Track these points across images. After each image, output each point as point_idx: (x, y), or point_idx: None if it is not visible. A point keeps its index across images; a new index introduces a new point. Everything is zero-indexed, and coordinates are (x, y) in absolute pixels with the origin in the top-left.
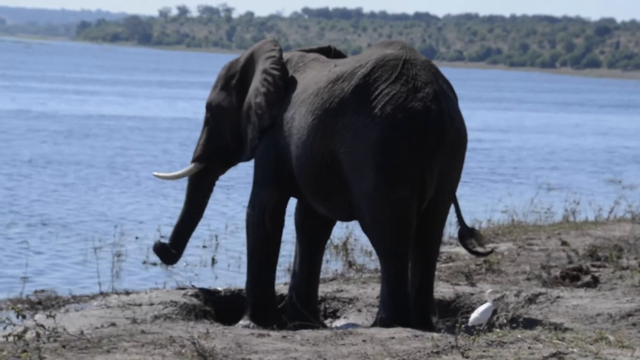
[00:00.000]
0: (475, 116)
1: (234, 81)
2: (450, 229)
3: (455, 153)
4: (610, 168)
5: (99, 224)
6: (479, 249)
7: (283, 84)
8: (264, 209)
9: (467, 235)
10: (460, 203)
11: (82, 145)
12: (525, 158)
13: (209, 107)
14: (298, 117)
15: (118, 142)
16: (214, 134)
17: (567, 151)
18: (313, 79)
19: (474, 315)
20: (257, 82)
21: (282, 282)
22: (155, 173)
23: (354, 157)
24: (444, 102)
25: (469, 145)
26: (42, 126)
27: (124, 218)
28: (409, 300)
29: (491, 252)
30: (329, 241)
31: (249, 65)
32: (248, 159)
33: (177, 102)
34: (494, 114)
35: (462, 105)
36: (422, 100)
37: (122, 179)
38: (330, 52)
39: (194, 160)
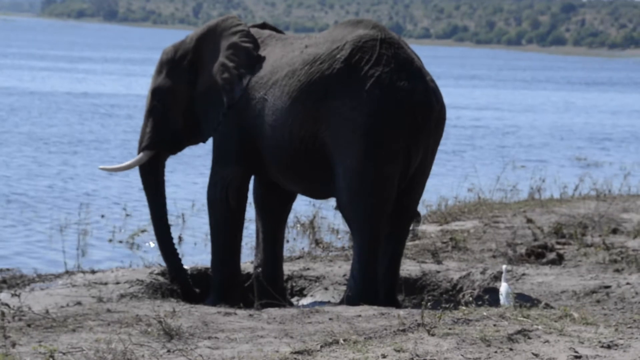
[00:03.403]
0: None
1: (185, 62)
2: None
3: (439, 129)
4: (576, 145)
5: (64, 201)
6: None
7: (254, 57)
8: (227, 186)
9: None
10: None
11: (59, 122)
12: (491, 135)
13: (155, 93)
14: (272, 98)
15: (102, 119)
16: (163, 121)
17: (534, 128)
18: (282, 59)
19: (501, 302)
20: (222, 59)
21: (248, 261)
22: (102, 166)
23: (340, 139)
24: (427, 79)
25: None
26: (22, 103)
27: (90, 195)
28: (378, 277)
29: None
30: (295, 219)
31: (203, 44)
32: (206, 140)
33: None
34: (462, 91)
35: (441, 82)
36: (406, 79)
37: (92, 156)
38: (266, 29)
39: (142, 149)
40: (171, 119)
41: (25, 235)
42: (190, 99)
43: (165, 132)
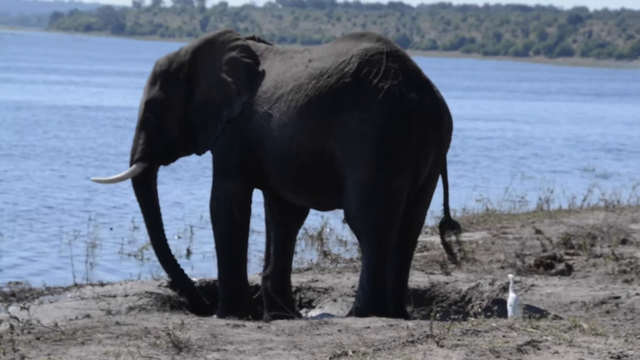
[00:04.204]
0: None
1: (181, 74)
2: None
3: (447, 141)
4: (585, 156)
5: (73, 214)
6: (453, 246)
7: (254, 73)
8: (230, 199)
9: (449, 227)
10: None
11: (76, 136)
12: (502, 146)
13: (150, 105)
14: (277, 113)
15: (108, 132)
16: (157, 132)
17: (541, 139)
18: (285, 73)
19: (510, 313)
20: (221, 73)
21: (256, 273)
22: (94, 178)
23: (349, 151)
24: (435, 91)
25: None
26: (40, 117)
27: (98, 208)
28: (387, 288)
29: (456, 261)
30: (304, 231)
31: (200, 57)
32: (202, 152)
33: None
34: (473, 103)
35: (449, 94)
36: (415, 91)
37: (99, 168)
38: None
39: (136, 161)
40: (166, 131)
41: (34, 248)
42: (186, 111)
43: (159, 144)
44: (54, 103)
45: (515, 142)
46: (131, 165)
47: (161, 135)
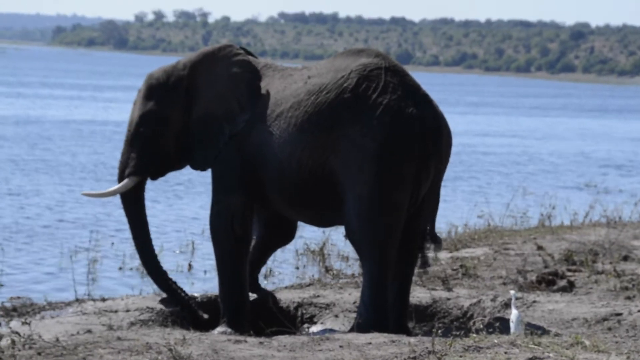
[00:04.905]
0: (453, 120)
1: (180, 88)
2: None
3: (447, 154)
4: (589, 172)
5: (74, 229)
6: (428, 261)
7: (256, 88)
8: (232, 215)
9: (431, 240)
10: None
11: (63, 150)
12: (502, 162)
13: (145, 118)
14: (277, 130)
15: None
16: (152, 146)
17: (543, 155)
18: (285, 90)
19: (512, 330)
20: (223, 89)
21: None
22: (85, 192)
23: (350, 166)
24: (434, 105)
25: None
26: (50, 132)
27: (100, 223)
28: (388, 303)
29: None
30: (305, 246)
31: (200, 71)
32: (197, 167)
33: None
34: (470, 118)
35: (452, 110)
36: (415, 106)
37: (100, 183)
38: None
39: (128, 175)
40: (161, 145)
41: (35, 263)
42: (184, 125)
43: (154, 158)
44: (63, 118)
45: (521, 157)
46: (121, 179)
47: (156, 149)
